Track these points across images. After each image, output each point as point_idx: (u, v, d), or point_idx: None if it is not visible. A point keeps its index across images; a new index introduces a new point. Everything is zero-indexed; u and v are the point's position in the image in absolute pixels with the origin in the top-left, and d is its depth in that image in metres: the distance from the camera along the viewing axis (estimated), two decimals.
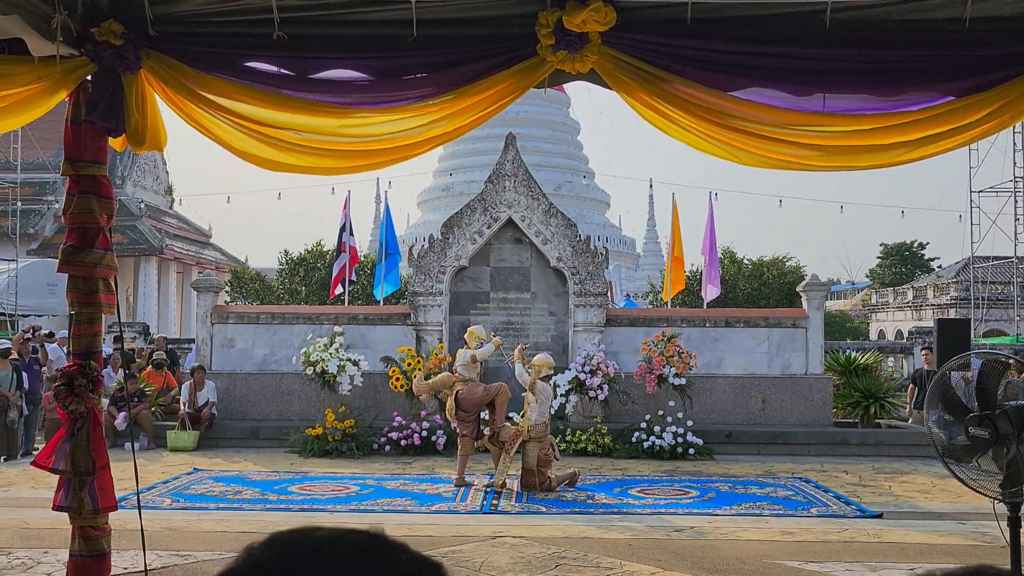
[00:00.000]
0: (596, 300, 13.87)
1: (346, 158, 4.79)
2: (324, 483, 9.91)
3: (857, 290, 65.92)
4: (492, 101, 4.59)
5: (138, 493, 6.05)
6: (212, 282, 14.69)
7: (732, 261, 25.88)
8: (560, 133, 50.73)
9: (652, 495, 9.30)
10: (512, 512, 8.41)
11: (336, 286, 17.56)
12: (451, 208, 29.57)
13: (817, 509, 8.58)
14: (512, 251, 14.27)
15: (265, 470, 10.80)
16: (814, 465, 11.65)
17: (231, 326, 14.32)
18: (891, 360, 19.17)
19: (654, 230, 52.43)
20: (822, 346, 14.20)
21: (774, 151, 4.68)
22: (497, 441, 9.67)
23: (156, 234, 33.16)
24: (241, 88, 4.56)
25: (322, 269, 24.97)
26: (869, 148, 4.64)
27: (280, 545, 0.84)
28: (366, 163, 4.85)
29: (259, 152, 4.79)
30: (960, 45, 4.42)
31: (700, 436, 12.27)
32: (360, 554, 0.84)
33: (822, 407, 13.89)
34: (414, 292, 13.97)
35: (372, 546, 0.85)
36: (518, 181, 14.04)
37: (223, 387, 13.82)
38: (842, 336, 36.74)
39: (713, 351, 14.06)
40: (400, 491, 9.42)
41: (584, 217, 46.89)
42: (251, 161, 4.86)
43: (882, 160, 4.68)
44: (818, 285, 14.50)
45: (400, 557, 0.85)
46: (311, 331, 13.57)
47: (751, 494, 9.38)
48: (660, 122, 4.83)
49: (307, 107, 4.58)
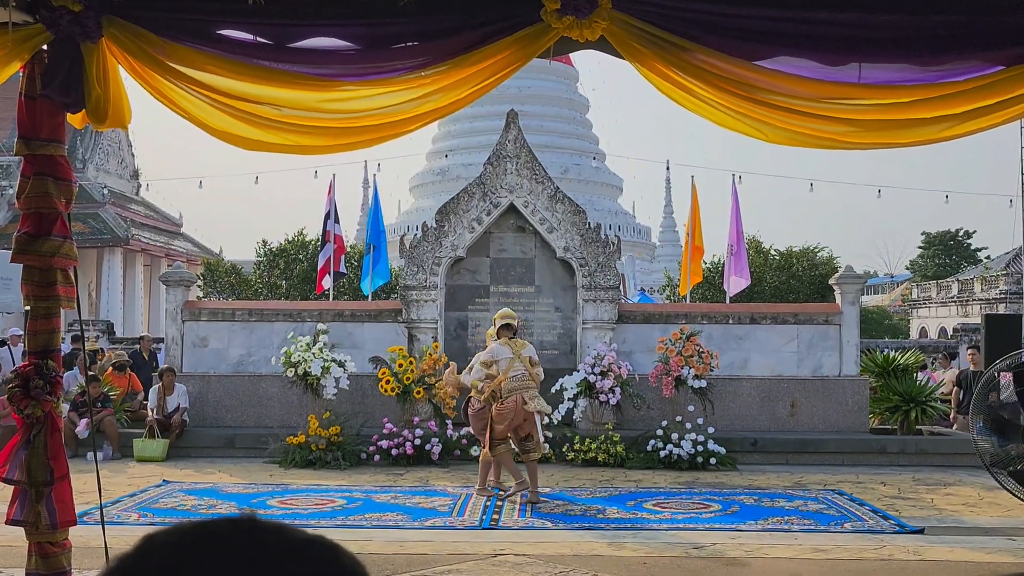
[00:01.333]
0: (607, 294, 13.87)
1: (330, 136, 4.79)
2: (307, 496, 9.92)
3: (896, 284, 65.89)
4: (491, 72, 4.57)
5: (101, 507, 6.06)
6: (183, 275, 14.70)
7: (758, 251, 25.86)
8: (567, 111, 50.72)
9: (669, 509, 9.31)
10: (514, 527, 8.42)
11: (322, 280, 17.56)
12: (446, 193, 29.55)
13: (852, 524, 8.58)
14: (514, 240, 14.26)
15: (242, 482, 10.81)
16: (848, 476, 11.65)
17: (204, 324, 14.33)
18: (931, 361, 19.15)
19: (671, 217, 52.45)
20: (857, 345, 14.20)
21: (804, 127, 4.67)
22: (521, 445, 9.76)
23: (121, 223, 33.18)
24: (213, 58, 4.55)
25: (304, 261, 24.98)
26: (909, 123, 4.63)
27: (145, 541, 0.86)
28: (352, 141, 4.84)
29: (234, 129, 4.78)
30: (1011, 8, 4.40)
31: (722, 444, 12.28)
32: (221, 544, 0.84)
33: (857, 412, 13.90)
34: (406, 286, 13.97)
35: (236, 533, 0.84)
36: (521, 163, 14.03)
37: (195, 391, 13.84)
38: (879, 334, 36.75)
39: (737, 350, 14.06)
40: (391, 505, 9.43)
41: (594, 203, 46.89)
42: (225, 139, 4.85)
43: (924, 136, 4.67)
44: (853, 277, 14.49)
45: (270, 542, 0.84)
46: (292, 329, 13.58)
47: (779, 508, 9.39)
48: (678, 95, 4.82)
49: (286, 79, 4.57)
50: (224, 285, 25.70)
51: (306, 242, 25.76)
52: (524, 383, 9.54)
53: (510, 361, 9.60)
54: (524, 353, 9.68)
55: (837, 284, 14.49)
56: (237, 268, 26.55)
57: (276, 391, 13.76)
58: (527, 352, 9.72)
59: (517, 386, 9.54)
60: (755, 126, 4.79)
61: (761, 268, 25.19)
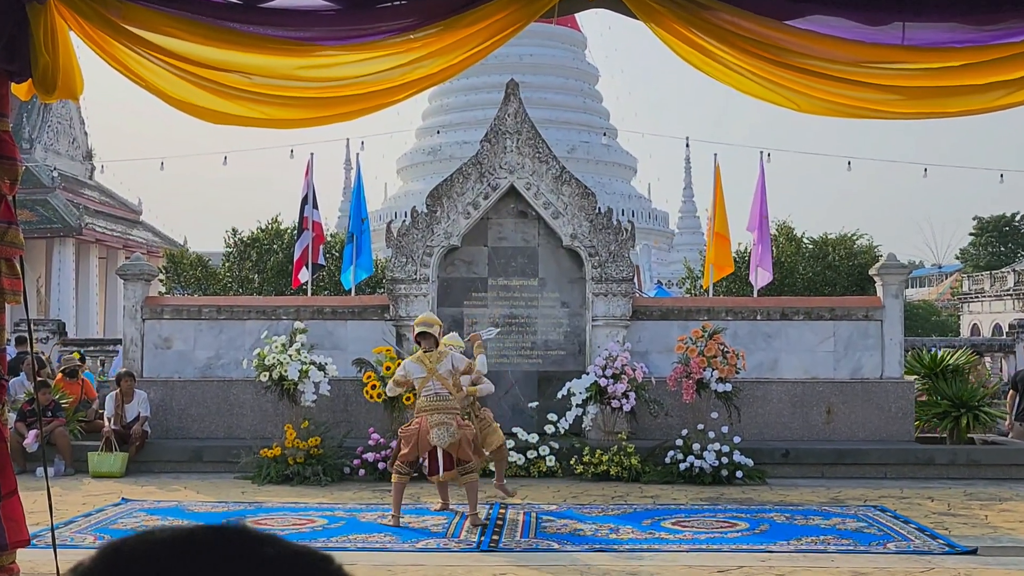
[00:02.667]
0: (620, 288, 13.87)
1: (307, 107, 4.78)
2: (283, 516, 9.93)
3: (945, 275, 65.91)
4: (488, 35, 4.57)
5: (53, 528, 6.06)
6: (143, 268, 14.70)
7: (789, 239, 25.87)
8: (574, 81, 50.74)
9: (690, 528, 9.32)
10: (516, 549, 8.43)
11: (299, 272, 17.58)
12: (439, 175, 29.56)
13: (895, 544, 8.59)
14: (515, 227, 14.26)
15: (210, 500, 10.82)
16: (892, 490, 11.66)
17: (167, 322, 14.33)
18: (988, 360, 19.16)
19: (691, 201, 52.48)
20: (901, 343, 14.20)
21: (841, 95, 4.67)
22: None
23: (73, 210, 33.19)
24: (176, 20, 4.54)
25: (279, 252, 24.99)
26: (959, 90, 4.62)
27: (111, 553, 0.85)
28: (331, 113, 4.84)
29: (199, 101, 4.78)
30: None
31: (750, 455, 12.29)
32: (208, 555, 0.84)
33: (901, 419, 13.90)
34: (394, 279, 13.97)
35: (224, 543, 0.84)
36: (522, 140, 14.02)
37: (157, 398, 13.84)
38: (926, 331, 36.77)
39: (766, 350, 14.06)
40: (378, 525, 9.44)
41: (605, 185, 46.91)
42: (189, 112, 4.85)
43: (975, 105, 4.66)
44: (896, 267, 14.49)
45: (264, 553, 0.85)
46: (266, 328, 13.57)
47: (813, 526, 9.39)
48: (699, 61, 4.81)
49: (258, 44, 4.57)
50: (189, 279, 25.70)
51: (281, 230, 25.75)
52: (435, 404, 9.25)
53: (423, 380, 9.36)
54: (442, 368, 9.36)
55: (878, 275, 14.49)
56: (204, 260, 26.55)
57: (248, 398, 13.77)
58: (446, 365, 9.39)
59: (425, 406, 9.29)
60: (786, 95, 4.79)
61: (793, 257, 25.20)
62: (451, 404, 9.36)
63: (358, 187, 17.98)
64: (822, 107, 4.75)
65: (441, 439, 9.15)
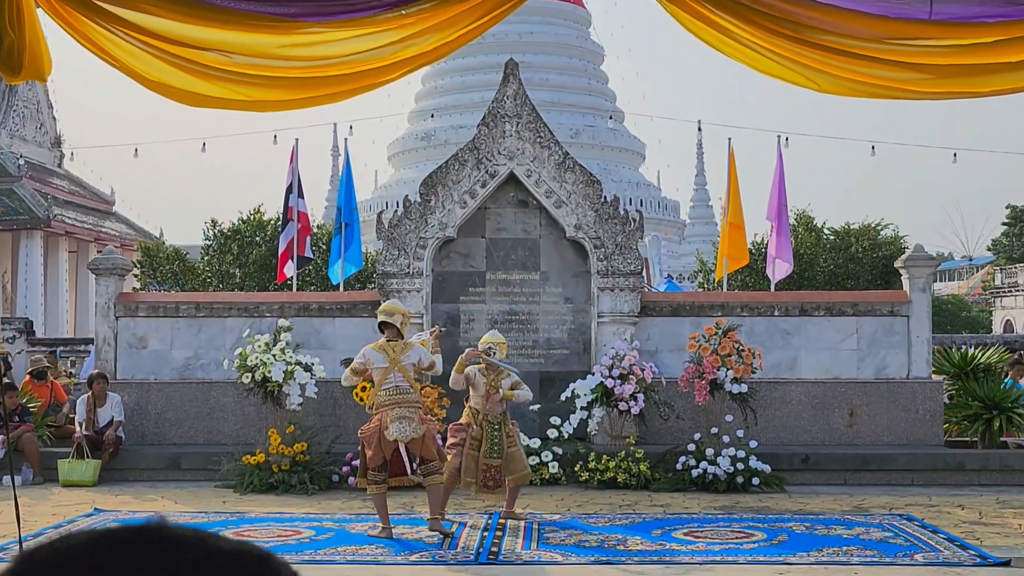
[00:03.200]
0: (627, 282, 13.88)
1: (291, 88, 4.78)
2: (268, 527, 9.95)
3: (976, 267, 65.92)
4: (484, 11, 4.56)
5: (20, 540, 6.08)
6: (116, 263, 14.70)
7: (808, 229, 25.88)
8: (578, 61, 50.71)
9: (704, 538, 9.33)
10: (517, 561, 8.45)
11: (284, 266, 17.59)
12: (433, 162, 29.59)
13: (923, 555, 8.59)
14: (515, 217, 14.27)
15: (190, 510, 10.84)
16: (919, 498, 11.68)
17: (142, 320, 14.34)
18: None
19: (704, 189, 52.46)
20: (929, 340, 14.21)
21: (864, 73, 4.66)
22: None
23: (41, 201, 33.20)
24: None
25: (263, 244, 25.00)
26: (991, 68, 4.62)
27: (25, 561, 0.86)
28: (317, 95, 4.84)
29: (175, 82, 4.78)
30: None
31: (767, 461, 12.30)
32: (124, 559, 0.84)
33: (930, 422, 13.92)
34: (384, 273, 13.98)
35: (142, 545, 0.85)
36: (522, 124, 14.02)
37: (132, 401, 13.85)
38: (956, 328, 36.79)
39: (784, 348, 14.07)
40: (369, 536, 9.44)
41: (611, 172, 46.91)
42: (165, 94, 4.85)
43: (1008, 84, 4.66)
44: (924, 259, 14.50)
45: (185, 556, 0.85)
46: (248, 326, 13.58)
47: (835, 536, 9.41)
48: (712, 38, 4.81)
49: (238, 20, 4.56)
50: (166, 274, 25.71)
51: (264, 222, 25.75)
52: (395, 398, 9.17)
53: (383, 371, 9.26)
54: (407, 360, 9.29)
55: (905, 267, 14.50)
56: (181, 253, 26.56)
57: (230, 401, 13.77)
58: (411, 357, 9.32)
59: (385, 400, 9.20)
60: (805, 73, 4.79)
61: (813, 249, 25.22)
62: (412, 398, 9.29)
63: (346, 175, 17.97)
64: (843, 86, 4.75)
65: (402, 432, 9.04)
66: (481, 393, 9.94)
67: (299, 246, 17.20)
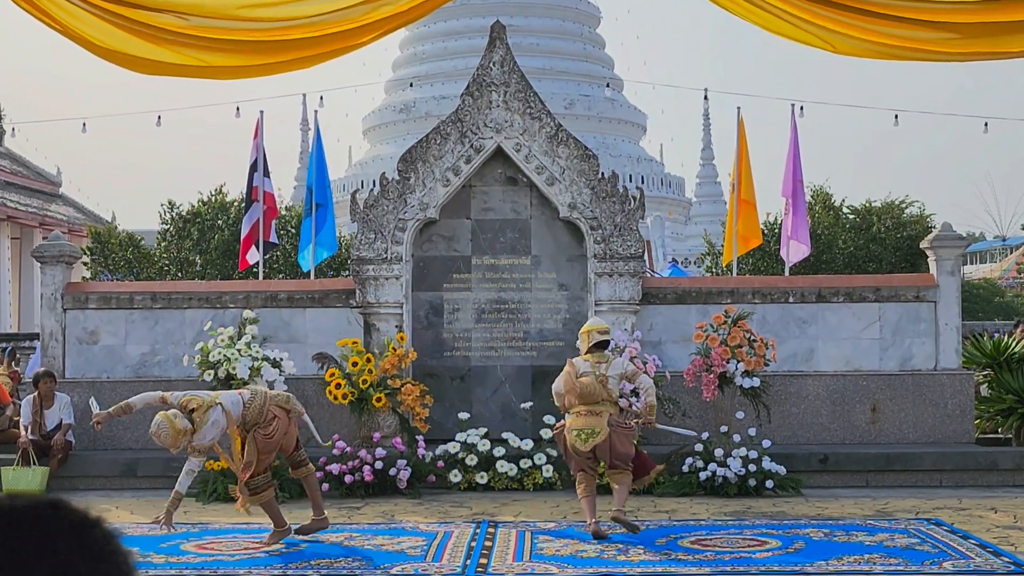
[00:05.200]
0: (628, 266, 13.89)
1: (252, 53, 4.76)
2: (233, 538, 9.95)
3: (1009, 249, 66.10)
4: None
5: None
6: (63, 249, 14.66)
7: (826, 207, 25.96)
8: (571, 24, 50.69)
9: (713, 547, 9.35)
10: (508, 574, 8.46)
11: (248, 252, 17.56)
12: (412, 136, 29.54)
13: (952, 563, 8.62)
14: (503, 196, 14.26)
15: (147, 521, 10.81)
16: (948, 500, 11.72)
17: (93, 313, 14.30)
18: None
19: (711, 164, 52.53)
20: (959, 328, 14.25)
21: (885, 33, 4.66)
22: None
23: None
24: None
25: (225, 229, 24.97)
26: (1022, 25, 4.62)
27: None
28: (282, 60, 4.83)
29: (127, 48, 4.75)
30: None
31: (782, 462, 12.33)
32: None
33: (959, 417, 13.96)
34: (360, 259, 13.97)
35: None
36: (510, 93, 14.00)
37: (82, 403, 13.81)
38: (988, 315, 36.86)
39: (800, 337, 14.09)
40: (345, 548, 9.47)
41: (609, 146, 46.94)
42: (116, 61, 4.82)
43: None
44: (953, 239, 14.52)
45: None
46: (210, 318, 13.56)
47: (857, 543, 9.42)
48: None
49: None
50: (119, 261, 25.66)
51: (227, 203, 25.73)
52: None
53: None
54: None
55: (932, 248, 14.52)
56: (135, 239, 26.51)
57: None
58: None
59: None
60: (821, 35, 4.79)
61: (831, 229, 25.28)
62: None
63: (317, 151, 17.94)
64: (862, 48, 4.75)
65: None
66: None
67: (264, 230, 17.16)
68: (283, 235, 23.18)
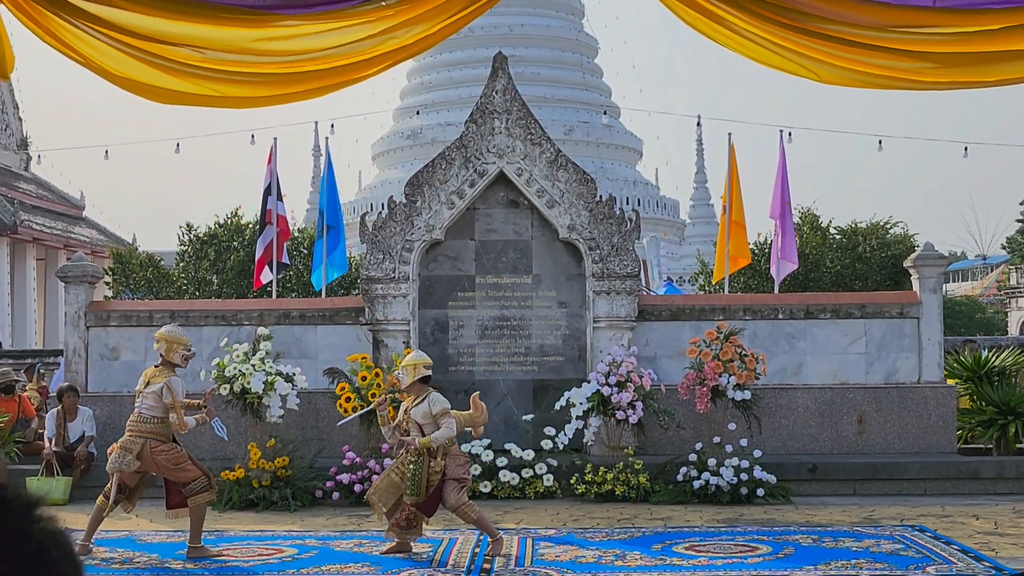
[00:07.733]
0: (624, 285, 13.90)
1: (265, 85, 4.78)
2: (248, 545, 9.95)
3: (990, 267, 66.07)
4: (467, 2, 4.57)
5: None
6: (86, 270, 14.68)
7: (814, 228, 25.92)
8: (571, 54, 50.76)
9: (706, 552, 9.36)
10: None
11: (262, 271, 17.59)
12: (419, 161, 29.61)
13: (936, 567, 8.63)
14: (506, 218, 14.28)
15: (165, 529, 10.81)
16: (932, 508, 11.71)
17: (114, 330, 14.32)
18: None
19: (704, 188, 52.60)
20: (941, 343, 14.25)
21: (868, 63, 4.68)
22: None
23: (7, 206, 33.13)
24: None
25: (240, 249, 24.95)
26: (998, 56, 4.63)
27: None
28: (293, 91, 4.84)
29: (146, 78, 4.78)
30: None
31: (772, 471, 12.32)
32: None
33: (942, 428, 13.95)
34: (369, 278, 13.98)
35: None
36: (512, 120, 14.04)
37: (104, 416, 13.83)
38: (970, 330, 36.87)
39: (789, 352, 14.09)
40: (354, 554, 9.47)
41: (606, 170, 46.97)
42: (135, 92, 4.85)
43: (1018, 72, 4.67)
44: (934, 258, 14.53)
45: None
46: (226, 335, 13.58)
47: (844, 549, 9.44)
48: (709, 28, 4.83)
49: (210, 14, 4.56)
50: (139, 281, 25.67)
51: (242, 225, 25.72)
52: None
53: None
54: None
55: (915, 267, 14.53)
56: (155, 260, 26.51)
57: None
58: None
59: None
60: (806, 64, 4.80)
61: (819, 249, 25.25)
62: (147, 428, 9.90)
63: (329, 176, 17.98)
64: (845, 77, 4.77)
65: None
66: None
67: (278, 251, 17.19)
68: (296, 256, 23.20)
